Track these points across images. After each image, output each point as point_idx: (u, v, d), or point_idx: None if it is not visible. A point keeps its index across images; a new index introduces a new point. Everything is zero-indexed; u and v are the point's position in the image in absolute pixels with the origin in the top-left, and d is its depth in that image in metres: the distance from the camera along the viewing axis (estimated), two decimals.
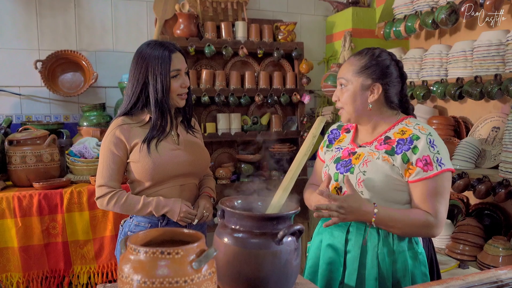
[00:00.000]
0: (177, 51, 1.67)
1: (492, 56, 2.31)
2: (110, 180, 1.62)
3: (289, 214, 1.17)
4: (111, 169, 1.62)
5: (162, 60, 1.61)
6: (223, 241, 1.18)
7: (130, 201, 1.62)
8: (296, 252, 1.18)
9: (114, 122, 1.66)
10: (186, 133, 1.78)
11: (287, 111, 3.44)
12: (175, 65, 1.64)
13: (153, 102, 1.63)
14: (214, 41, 3.02)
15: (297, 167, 1.35)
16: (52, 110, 2.93)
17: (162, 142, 1.66)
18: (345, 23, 3.34)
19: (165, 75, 1.61)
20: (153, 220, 1.67)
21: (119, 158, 1.63)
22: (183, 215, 1.63)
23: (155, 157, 1.62)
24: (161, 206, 1.62)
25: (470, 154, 2.48)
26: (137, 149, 1.62)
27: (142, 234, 1.04)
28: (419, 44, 3.21)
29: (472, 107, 2.77)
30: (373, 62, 1.51)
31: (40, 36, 2.88)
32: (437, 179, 1.43)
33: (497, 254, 2.22)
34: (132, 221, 1.70)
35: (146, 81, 1.63)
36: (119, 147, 1.62)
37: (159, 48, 1.63)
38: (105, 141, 1.64)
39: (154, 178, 1.63)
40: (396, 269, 1.49)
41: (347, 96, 1.53)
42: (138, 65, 1.64)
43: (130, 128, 1.65)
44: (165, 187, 1.67)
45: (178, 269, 0.91)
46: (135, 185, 1.69)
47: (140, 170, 1.62)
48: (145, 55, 1.63)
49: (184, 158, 1.69)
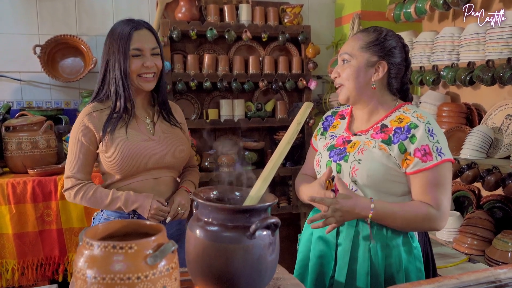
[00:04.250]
0: (144, 28, 1.55)
1: (505, 38, 2.15)
2: (77, 171, 1.54)
3: (263, 206, 1.09)
4: (79, 159, 1.54)
5: (121, 37, 1.51)
6: (195, 235, 1.11)
7: (98, 195, 1.54)
8: (271, 247, 1.10)
9: (84, 110, 1.57)
10: (163, 122, 1.66)
11: (293, 97, 3.33)
12: (135, 44, 1.52)
13: (112, 84, 1.53)
14: (217, 24, 2.93)
15: (278, 156, 1.26)
16: (52, 95, 2.91)
17: (133, 131, 1.56)
18: (354, 5, 3.20)
19: (123, 54, 1.50)
20: (123, 215, 1.58)
21: (88, 148, 1.54)
22: (154, 212, 1.53)
23: (123, 147, 1.52)
24: (131, 202, 1.53)
25: (481, 143, 2.35)
26: (106, 139, 1.53)
27: (102, 226, 0.98)
28: (432, 27, 3.05)
29: (486, 94, 2.62)
30: (381, 39, 1.44)
31: (39, 21, 2.85)
32: (437, 169, 1.34)
33: (507, 249, 2.09)
34: (102, 214, 1.61)
35: (108, 61, 1.54)
36: (87, 136, 1.54)
37: (124, 25, 1.53)
38: (74, 130, 1.55)
39: (123, 170, 1.54)
40: (389, 264, 1.42)
41: (350, 71, 1.44)
42: (106, 44, 1.56)
43: (100, 115, 1.55)
44: (137, 180, 1.58)
45: (131, 264, 0.85)
46: (106, 177, 1.61)
47: (108, 161, 1.54)
48: (111, 33, 1.55)
49: (158, 149, 1.59)
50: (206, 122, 2.95)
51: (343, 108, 1.66)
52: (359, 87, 1.44)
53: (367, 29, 1.48)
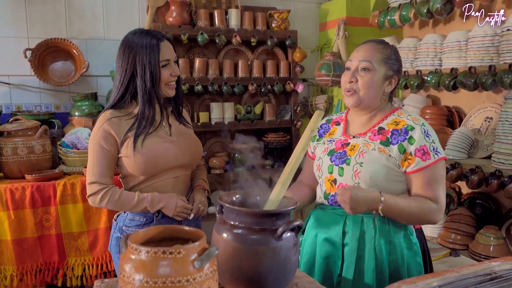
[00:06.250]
0: (165, 40, 1.61)
1: (486, 47, 2.31)
2: (101, 176, 1.57)
3: (288, 210, 1.17)
4: (102, 164, 1.57)
5: (150, 49, 1.55)
6: (222, 237, 1.17)
7: (125, 198, 1.58)
8: (295, 248, 1.18)
9: (103, 116, 1.60)
10: (178, 123, 1.74)
11: (280, 100, 3.42)
12: (164, 55, 1.59)
13: (141, 93, 1.58)
14: (207, 29, 2.98)
15: (295, 161, 1.34)
16: (42, 99, 2.88)
17: (154, 134, 1.62)
18: (339, 11, 3.31)
19: (154, 65, 1.56)
20: (148, 215, 1.64)
21: (110, 153, 1.57)
22: (179, 210, 1.61)
23: (147, 150, 1.58)
24: (156, 202, 1.59)
25: (463, 144, 2.50)
26: (129, 143, 1.57)
27: (142, 232, 1.03)
28: (413, 33, 3.20)
29: (465, 97, 2.78)
30: (396, 55, 1.55)
31: (29, 24, 2.82)
32: (434, 167, 1.46)
33: (489, 243, 2.25)
34: (126, 215, 1.66)
35: (134, 72, 1.57)
36: (109, 141, 1.57)
37: (147, 37, 1.58)
38: (94, 136, 1.58)
39: (147, 171, 1.59)
40: (392, 260, 1.50)
41: (370, 81, 1.51)
42: (126, 55, 1.58)
43: (119, 121, 1.59)
44: (159, 180, 1.64)
45: (180, 268, 0.91)
46: (128, 179, 1.65)
47: (133, 164, 1.58)
48: (132, 45, 1.57)
49: (177, 149, 1.65)
50: (197, 125, 3.00)
51: (336, 115, 1.74)
52: (373, 96, 1.53)
53: (381, 42, 1.56)
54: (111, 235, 1.70)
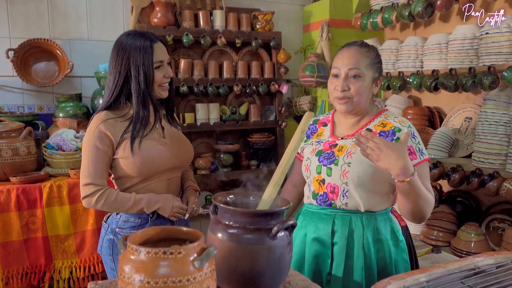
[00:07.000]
0: (159, 41, 1.63)
1: (466, 49, 2.38)
2: (96, 177, 1.56)
3: (282, 209, 1.20)
4: (97, 165, 1.56)
5: (144, 51, 1.56)
6: (218, 237, 1.19)
7: (121, 199, 1.58)
8: (289, 246, 1.21)
9: (97, 117, 1.59)
10: (170, 126, 1.75)
11: (265, 100, 3.45)
12: (158, 56, 1.60)
13: (136, 95, 1.59)
14: (192, 30, 2.99)
15: (286, 162, 1.37)
16: (25, 100, 2.84)
17: (149, 136, 1.63)
18: (322, 13, 3.36)
19: (148, 66, 1.57)
20: (143, 216, 1.64)
21: (105, 154, 1.57)
22: (175, 211, 1.63)
23: (144, 152, 1.59)
24: (153, 203, 1.60)
25: (444, 143, 2.58)
26: (126, 145, 1.58)
27: (139, 233, 1.05)
28: (394, 35, 3.27)
29: (445, 98, 2.86)
30: (378, 57, 1.59)
31: (11, 24, 2.77)
32: (420, 167, 1.50)
33: (470, 239, 2.33)
34: (119, 217, 1.65)
35: (128, 73, 1.58)
36: (104, 142, 1.57)
37: (140, 38, 1.58)
38: (89, 137, 1.57)
39: (143, 173, 1.61)
40: (380, 257, 1.55)
41: (362, 87, 1.53)
42: (119, 57, 1.59)
43: (115, 123, 1.60)
44: (153, 182, 1.65)
45: (180, 268, 0.93)
46: (123, 181, 1.65)
47: (130, 166, 1.59)
48: (125, 46, 1.58)
49: (171, 152, 1.67)
50: (183, 126, 3.00)
51: (322, 116, 1.77)
52: (366, 101, 1.57)
53: (363, 45, 1.59)
54: (102, 237, 1.69)
